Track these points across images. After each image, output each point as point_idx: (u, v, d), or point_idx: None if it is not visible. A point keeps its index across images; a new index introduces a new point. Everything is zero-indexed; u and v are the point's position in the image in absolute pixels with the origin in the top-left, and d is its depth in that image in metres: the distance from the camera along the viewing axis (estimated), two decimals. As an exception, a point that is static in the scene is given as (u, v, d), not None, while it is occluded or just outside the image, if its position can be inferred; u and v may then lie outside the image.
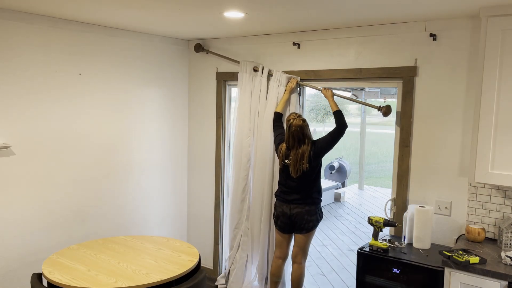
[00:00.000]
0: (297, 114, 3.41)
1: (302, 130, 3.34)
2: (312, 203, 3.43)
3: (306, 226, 3.41)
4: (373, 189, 11.36)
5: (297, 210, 3.41)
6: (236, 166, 4.05)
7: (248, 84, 3.96)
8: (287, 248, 3.62)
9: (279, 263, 3.63)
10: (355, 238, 6.86)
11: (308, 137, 3.38)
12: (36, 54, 3.33)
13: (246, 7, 2.88)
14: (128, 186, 4.11)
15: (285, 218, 3.47)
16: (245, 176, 3.99)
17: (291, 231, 3.53)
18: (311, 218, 3.41)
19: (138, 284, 2.60)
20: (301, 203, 3.41)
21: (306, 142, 3.35)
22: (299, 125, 3.33)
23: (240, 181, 4.01)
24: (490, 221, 3.03)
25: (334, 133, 3.35)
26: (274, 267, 3.65)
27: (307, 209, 3.40)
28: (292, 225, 3.48)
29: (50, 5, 2.97)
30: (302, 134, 3.34)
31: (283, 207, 3.48)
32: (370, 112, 14.75)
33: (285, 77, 3.72)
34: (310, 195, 3.42)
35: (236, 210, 4.07)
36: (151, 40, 4.16)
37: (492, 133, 2.71)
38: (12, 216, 3.28)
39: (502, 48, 2.65)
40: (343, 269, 5.37)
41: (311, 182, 3.42)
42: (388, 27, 3.34)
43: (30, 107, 3.32)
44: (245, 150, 3.97)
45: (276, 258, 3.64)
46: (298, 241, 3.50)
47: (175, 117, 4.51)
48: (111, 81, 3.87)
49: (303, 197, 3.42)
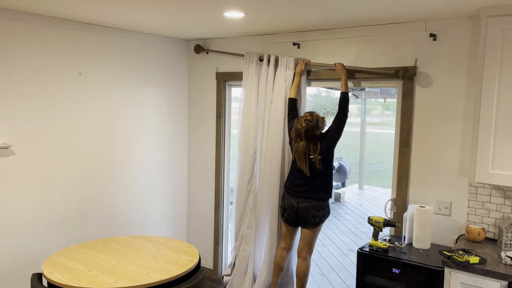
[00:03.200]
0: (307, 115, 3.35)
1: (308, 131, 3.32)
2: (320, 199, 3.43)
3: (312, 221, 3.42)
4: (373, 189, 11.36)
5: (304, 204, 3.42)
6: (242, 157, 4.03)
7: (254, 74, 3.91)
8: (291, 240, 3.65)
9: (283, 254, 3.67)
10: (355, 238, 6.86)
11: (317, 135, 3.36)
12: (36, 54, 3.33)
13: (246, 7, 2.88)
14: (128, 186, 4.11)
15: (291, 211, 3.49)
16: (251, 168, 3.98)
17: (297, 224, 3.56)
18: (317, 213, 3.41)
19: (138, 284, 2.60)
20: (309, 197, 3.42)
21: (315, 140, 3.35)
22: (304, 127, 3.32)
23: (246, 172, 4.00)
24: (490, 221, 3.03)
25: (339, 120, 3.37)
26: (278, 257, 3.69)
27: (314, 204, 3.41)
28: (298, 218, 3.50)
29: (50, 5, 2.97)
30: (310, 134, 3.33)
31: (290, 199, 3.49)
32: (370, 112, 14.74)
33: (293, 60, 3.67)
34: (318, 190, 3.43)
35: (242, 202, 4.06)
36: (151, 40, 4.16)
37: (492, 133, 2.71)
38: (12, 216, 3.28)
39: (502, 48, 2.65)
40: (343, 269, 5.37)
41: (321, 176, 3.42)
42: (388, 27, 3.35)
43: (30, 107, 3.32)
44: (251, 142, 3.94)
45: (281, 249, 3.68)
46: (304, 235, 3.51)
47: (175, 117, 4.51)
48: (111, 81, 3.87)
49: (311, 191, 3.42)
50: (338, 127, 3.37)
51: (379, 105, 24.28)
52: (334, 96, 19.05)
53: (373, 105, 24.45)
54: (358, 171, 11.46)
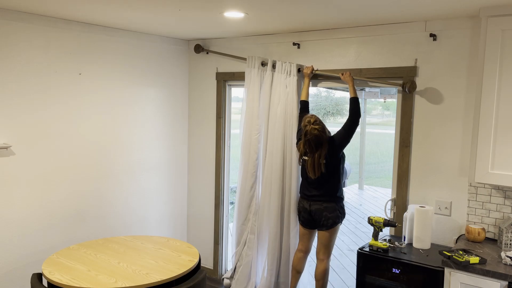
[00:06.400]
0: (313, 119, 3.27)
1: (317, 138, 3.24)
2: (331, 200, 3.40)
3: (326, 223, 3.40)
4: (373, 189, 11.36)
5: (315, 206, 3.42)
6: (244, 162, 4.01)
7: (256, 79, 3.90)
8: (308, 242, 3.63)
9: (300, 256, 3.65)
10: (355, 238, 6.86)
11: (325, 140, 3.28)
12: (36, 54, 3.33)
13: (246, 7, 2.88)
14: (128, 186, 4.11)
15: (305, 214, 3.50)
16: (253, 173, 3.97)
17: (313, 227, 3.55)
18: (330, 215, 3.38)
19: (138, 284, 2.60)
20: (319, 200, 3.41)
21: (323, 145, 3.27)
22: (315, 134, 3.23)
23: (249, 177, 3.99)
24: (490, 221, 3.03)
25: (348, 126, 3.30)
26: (295, 260, 3.68)
27: (325, 206, 3.39)
28: (313, 221, 3.49)
29: (50, 5, 2.97)
30: (319, 141, 3.26)
31: (303, 202, 3.51)
32: (370, 112, 14.74)
33: (295, 66, 3.65)
34: (328, 192, 3.40)
35: (244, 207, 4.05)
36: (151, 40, 4.16)
37: (492, 133, 2.71)
38: (12, 216, 3.28)
39: (502, 48, 2.65)
40: (343, 269, 5.37)
41: (330, 179, 3.39)
42: (388, 27, 3.35)
43: (30, 107, 3.32)
44: (254, 147, 3.93)
45: (298, 251, 3.67)
46: (320, 237, 3.51)
47: (175, 117, 4.51)
48: (111, 81, 3.87)
49: (322, 194, 3.41)
50: (347, 133, 3.30)
51: (379, 105, 24.30)
52: (334, 96, 19.06)
53: (373, 105, 24.47)
54: (358, 171, 11.46)
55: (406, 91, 3.19)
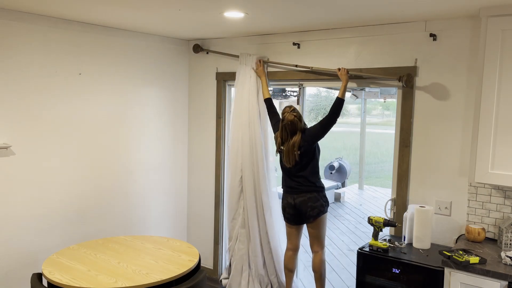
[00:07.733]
0: (291, 108, 3.46)
1: (294, 124, 3.40)
2: (312, 190, 3.46)
3: (311, 213, 3.44)
4: (373, 189, 11.36)
5: (300, 199, 3.46)
6: (232, 156, 4.07)
7: (245, 75, 3.96)
8: (296, 240, 3.66)
9: (290, 255, 3.68)
10: (355, 238, 6.86)
11: (300, 129, 3.44)
12: (36, 54, 3.33)
13: (246, 7, 2.88)
14: (128, 186, 4.11)
15: (290, 209, 3.53)
16: (240, 166, 4.01)
17: (299, 222, 3.58)
18: (315, 204, 3.43)
19: (138, 284, 2.60)
20: (301, 191, 3.46)
21: (297, 133, 3.42)
22: (291, 120, 3.40)
23: (237, 172, 4.03)
24: (490, 221, 3.03)
25: (325, 122, 3.40)
26: (285, 259, 3.71)
27: (309, 197, 3.44)
28: (299, 215, 3.52)
29: (50, 5, 2.97)
30: (294, 128, 3.41)
31: (287, 198, 3.54)
32: (370, 112, 14.74)
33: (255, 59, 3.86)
34: (308, 182, 3.46)
35: (234, 201, 4.09)
36: (151, 40, 4.16)
37: (492, 133, 2.71)
38: (12, 216, 3.28)
39: (502, 48, 2.65)
40: (343, 269, 5.37)
41: (307, 168, 3.46)
42: (388, 27, 3.35)
43: (30, 107, 3.32)
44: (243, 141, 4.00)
45: (288, 250, 3.69)
46: (309, 231, 3.54)
47: (175, 117, 4.51)
48: (111, 81, 3.87)
49: (302, 185, 3.46)
50: (322, 128, 3.41)
51: (379, 105, 24.28)
52: (334, 96, 19.06)
53: (373, 105, 24.45)
54: (358, 171, 11.46)
55: (403, 84, 3.19)
